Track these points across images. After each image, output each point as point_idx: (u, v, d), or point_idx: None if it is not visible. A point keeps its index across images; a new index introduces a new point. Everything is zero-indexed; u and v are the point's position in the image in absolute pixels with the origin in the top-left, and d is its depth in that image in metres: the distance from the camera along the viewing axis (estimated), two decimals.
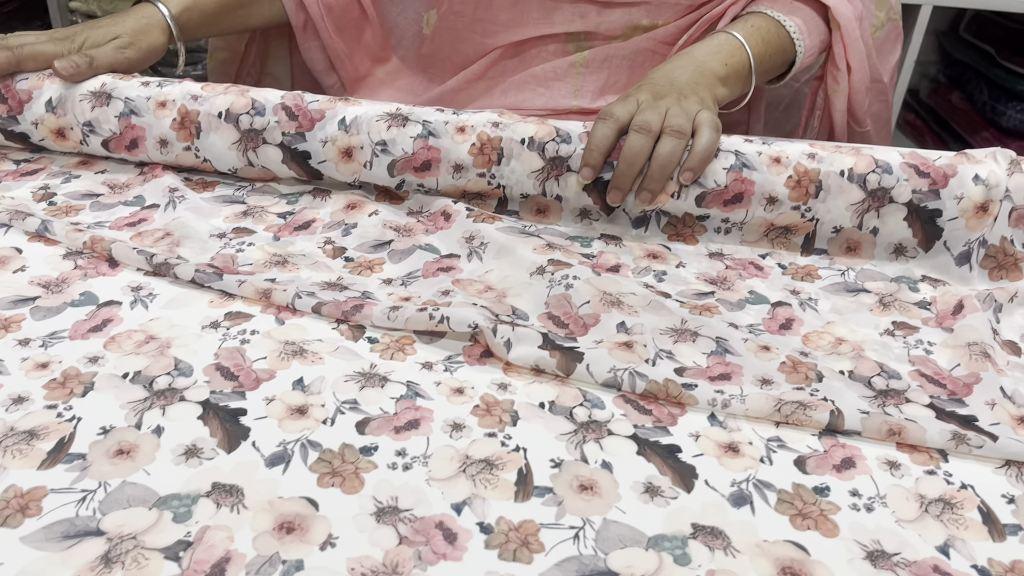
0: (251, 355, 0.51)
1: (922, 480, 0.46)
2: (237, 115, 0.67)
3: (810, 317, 0.59)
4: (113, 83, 0.70)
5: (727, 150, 0.64)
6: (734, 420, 0.49)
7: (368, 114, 0.67)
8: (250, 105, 0.67)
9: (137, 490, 0.42)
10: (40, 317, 0.53)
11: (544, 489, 0.44)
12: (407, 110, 0.67)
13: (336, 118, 0.67)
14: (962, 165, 0.63)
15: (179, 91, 0.69)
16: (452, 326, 0.53)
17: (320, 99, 0.68)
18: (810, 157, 0.64)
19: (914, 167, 0.63)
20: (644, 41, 0.82)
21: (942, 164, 0.63)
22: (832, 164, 0.63)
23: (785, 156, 0.64)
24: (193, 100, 0.68)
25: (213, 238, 0.63)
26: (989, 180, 0.62)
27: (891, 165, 0.63)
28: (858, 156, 0.64)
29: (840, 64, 0.80)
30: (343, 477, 0.44)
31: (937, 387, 0.52)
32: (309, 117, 0.67)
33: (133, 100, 0.69)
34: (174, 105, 0.68)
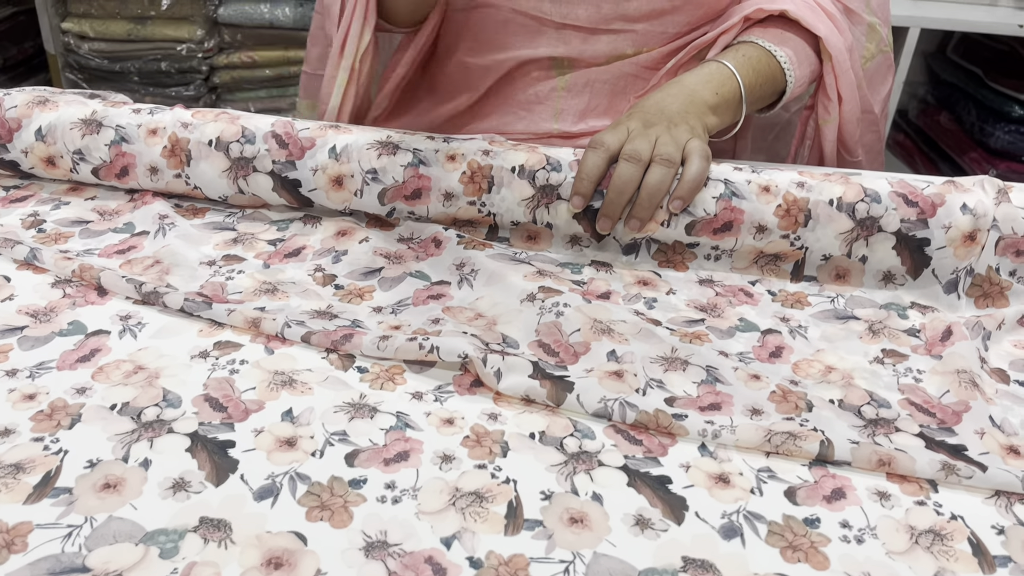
0: (240, 385, 0.51)
1: (912, 511, 0.46)
2: (227, 143, 0.67)
3: (800, 345, 0.59)
4: (104, 111, 0.70)
5: (716, 179, 0.65)
6: (724, 450, 0.49)
7: (358, 142, 0.67)
8: (240, 133, 0.68)
9: (124, 525, 0.42)
10: (28, 347, 0.53)
11: (534, 522, 0.44)
12: (397, 138, 0.68)
13: (326, 146, 0.67)
14: (950, 194, 0.63)
15: (170, 119, 0.69)
16: (442, 356, 0.53)
17: (310, 126, 0.68)
18: (799, 186, 0.64)
19: (902, 196, 0.63)
20: (626, 66, 0.82)
21: (930, 193, 0.64)
22: (821, 193, 0.64)
23: (774, 185, 0.64)
24: (184, 128, 0.68)
25: (203, 266, 0.63)
26: (977, 209, 0.62)
27: (879, 194, 0.63)
28: (847, 185, 0.64)
29: (831, 94, 0.81)
30: (332, 511, 0.43)
31: (927, 416, 0.52)
32: (299, 145, 0.67)
33: (124, 128, 0.69)
34: (165, 133, 0.68)
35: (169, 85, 1.88)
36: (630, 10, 0.79)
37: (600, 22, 0.80)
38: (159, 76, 1.86)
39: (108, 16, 1.82)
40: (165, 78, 1.86)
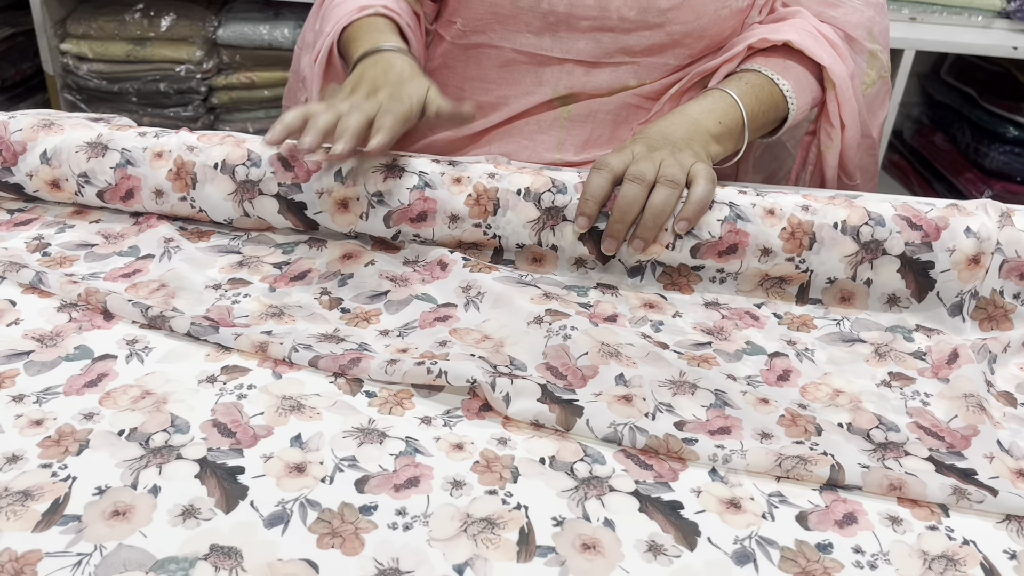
0: (248, 410, 0.51)
1: (924, 536, 0.46)
2: (233, 166, 0.67)
3: (807, 368, 0.59)
4: (110, 134, 0.70)
5: (721, 202, 0.65)
6: (735, 475, 0.49)
7: (364, 166, 0.67)
8: (246, 156, 0.68)
9: (133, 553, 0.41)
10: (34, 372, 0.53)
11: (546, 548, 0.43)
12: (403, 161, 0.68)
13: (332, 169, 0.67)
14: (954, 217, 0.64)
15: (175, 141, 0.69)
16: (450, 380, 0.53)
17: (317, 155, 0.68)
18: (804, 209, 0.64)
19: (906, 219, 0.64)
20: (629, 97, 0.83)
21: (934, 216, 0.64)
22: (825, 216, 0.64)
23: (779, 208, 0.64)
24: (189, 151, 0.68)
25: (208, 289, 0.63)
26: (980, 233, 0.63)
27: (884, 217, 0.64)
28: (851, 208, 0.64)
29: (834, 121, 0.81)
30: (343, 538, 0.43)
31: (936, 439, 0.52)
32: (305, 168, 0.67)
33: (129, 151, 0.69)
34: (170, 156, 0.68)
35: (168, 106, 1.88)
36: (631, 43, 0.79)
37: (602, 56, 0.80)
38: (158, 97, 1.86)
39: (107, 37, 1.82)
40: (164, 99, 1.87)
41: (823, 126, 0.82)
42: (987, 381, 0.58)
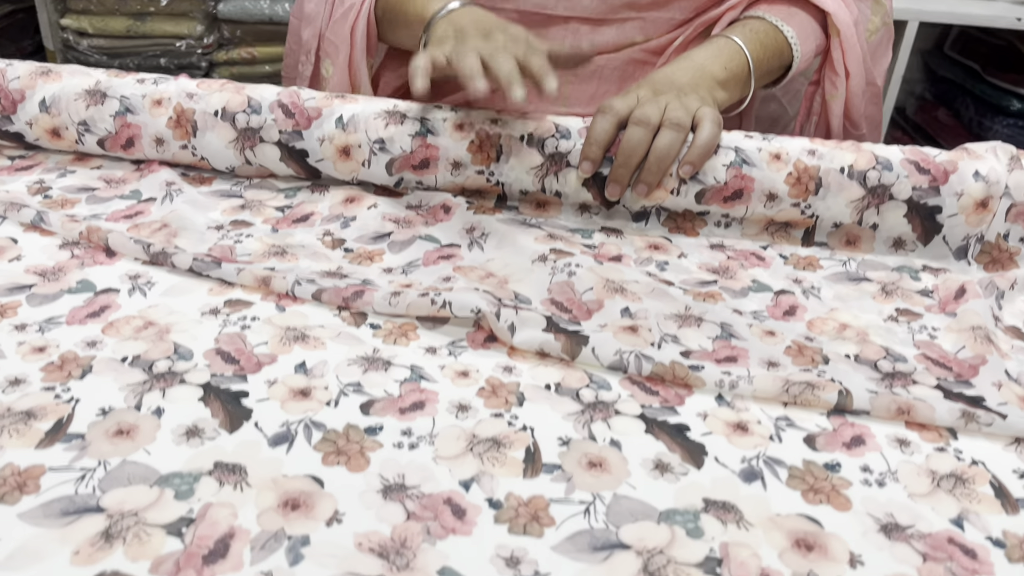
0: (252, 340, 0.51)
1: (932, 457, 0.45)
2: (233, 113, 0.67)
3: (813, 304, 0.58)
4: (108, 81, 0.69)
5: (727, 146, 0.64)
6: (742, 400, 0.49)
7: (365, 112, 0.67)
8: (246, 103, 0.67)
9: (137, 469, 0.41)
10: (37, 303, 0.53)
11: (552, 466, 0.43)
12: (405, 107, 0.67)
13: (333, 116, 0.67)
14: (963, 161, 0.63)
15: (175, 89, 0.69)
16: (454, 311, 0.52)
17: (316, 96, 0.68)
18: (810, 154, 0.64)
19: (914, 163, 0.63)
20: (635, 52, 0.82)
21: (942, 160, 0.63)
22: (832, 161, 0.63)
23: (785, 152, 0.64)
24: (189, 98, 0.68)
25: (210, 230, 0.62)
26: (989, 177, 0.62)
27: (891, 162, 0.63)
28: (858, 152, 0.64)
29: (839, 69, 0.81)
30: (348, 456, 0.43)
31: (943, 370, 0.52)
32: (306, 115, 0.67)
33: (128, 98, 0.68)
34: (170, 103, 0.68)
35: None
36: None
37: (607, 12, 0.79)
38: (158, 72, 1.85)
39: (107, 12, 1.81)
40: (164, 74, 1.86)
41: (827, 75, 0.81)
42: (995, 316, 0.57)
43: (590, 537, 0.39)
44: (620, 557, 0.38)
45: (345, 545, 0.38)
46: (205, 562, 0.37)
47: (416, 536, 0.39)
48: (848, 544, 0.40)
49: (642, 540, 0.39)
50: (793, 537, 0.40)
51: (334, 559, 0.37)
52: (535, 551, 0.38)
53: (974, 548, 0.40)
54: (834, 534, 0.40)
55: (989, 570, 0.39)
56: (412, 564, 0.37)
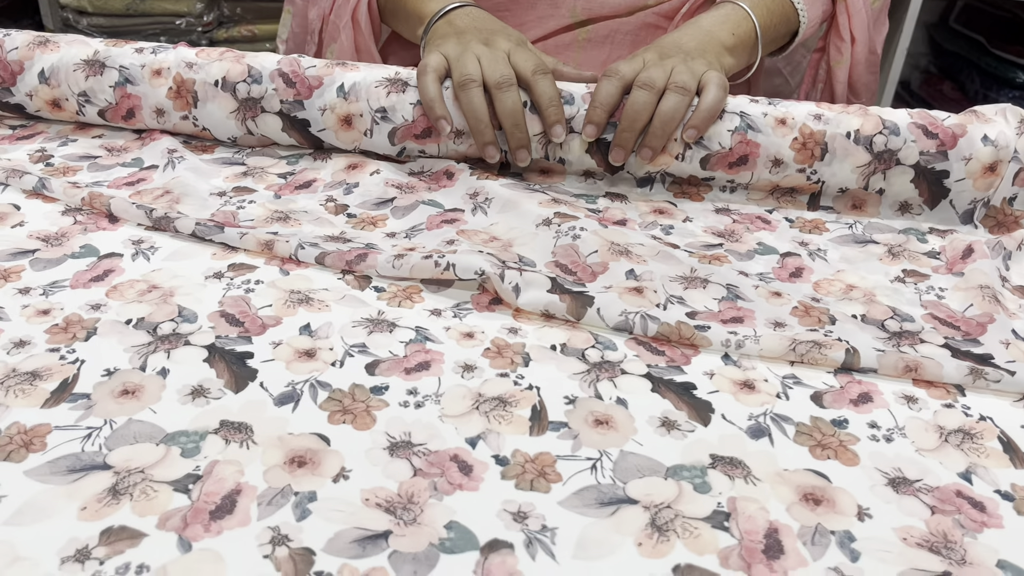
0: (256, 303, 0.51)
1: (940, 413, 0.45)
2: (234, 83, 0.66)
3: (820, 266, 0.58)
4: (106, 51, 0.69)
5: (732, 111, 0.64)
6: (748, 360, 0.48)
7: (367, 80, 0.66)
8: (246, 72, 0.67)
9: (144, 427, 0.41)
10: (40, 268, 0.52)
11: (559, 424, 0.43)
12: (406, 74, 0.67)
13: (334, 84, 0.66)
14: (971, 125, 0.62)
15: (174, 58, 0.68)
16: (458, 273, 0.52)
17: (317, 64, 0.67)
18: (816, 118, 0.63)
19: (922, 127, 0.62)
20: (648, 16, 0.81)
21: (951, 124, 0.62)
22: (839, 126, 0.63)
23: (791, 117, 0.63)
24: (188, 68, 0.67)
25: (213, 196, 0.62)
26: (999, 140, 0.61)
27: (898, 126, 0.63)
28: (865, 117, 0.63)
29: (844, 35, 0.80)
30: (354, 415, 0.43)
31: (951, 329, 0.52)
32: (307, 84, 0.66)
33: (128, 68, 0.68)
34: (169, 73, 0.67)
35: None
36: None
37: None
38: None
39: None
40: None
41: (832, 41, 0.81)
42: (1002, 276, 0.57)
43: (597, 492, 0.39)
44: (627, 511, 0.38)
45: (352, 501, 0.38)
46: (212, 517, 0.37)
47: (423, 492, 0.39)
48: (856, 498, 0.39)
49: (649, 495, 0.39)
50: (801, 491, 0.40)
51: (341, 514, 0.37)
52: (542, 506, 0.38)
53: (982, 501, 0.40)
54: (842, 488, 0.40)
55: (998, 522, 0.39)
56: (419, 519, 0.37)
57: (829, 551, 0.37)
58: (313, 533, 0.36)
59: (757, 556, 0.36)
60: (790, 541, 0.37)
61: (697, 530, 0.37)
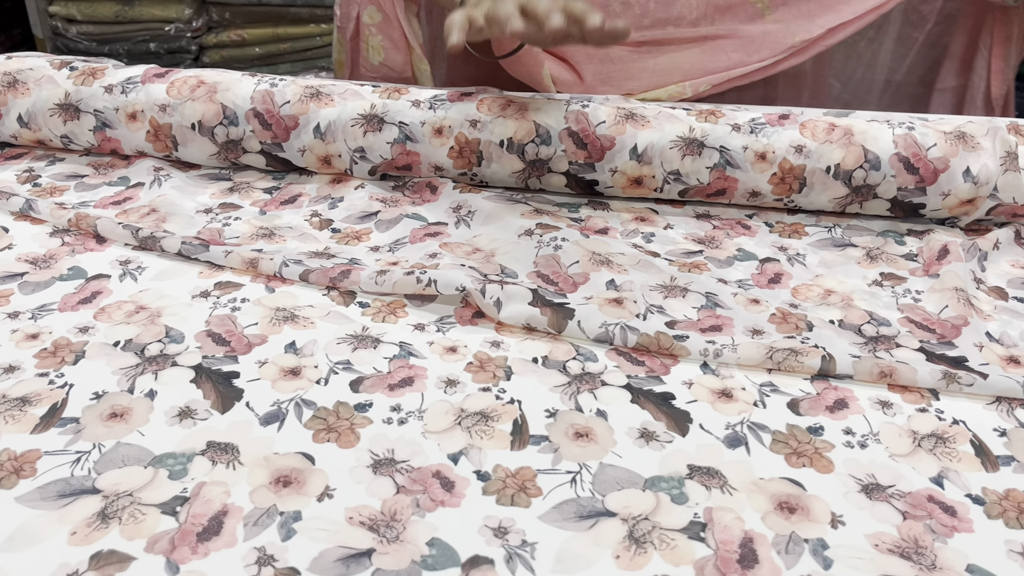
0: (242, 321, 0.51)
1: (914, 417, 0.46)
2: (211, 127, 0.65)
3: (799, 271, 0.59)
4: (76, 91, 0.67)
5: (712, 146, 0.63)
6: (726, 368, 0.49)
7: (342, 118, 0.65)
8: (221, 114, 0.65)
9: (132, 450, 0.42)
10: (29, 291, 0.53)
11: (540, 438, 0.44)
12: (381, 108, 0.65)
13: (310, 125, 0.65)
14: (955, 157, 0.61)
15: (145, 100, 0.66)
16: (440, 289, 0.53)
17: (290, 98, 0.66)
18: (798, 151, 0.62)
19: (905, 160, 0.61)
20: None
21: (935, 157, 0.61)
22: (819, 159, 0.62)
23: (771, 152, 0.62)
24: (162, 111, 0.66)
25: (199, 213, 0.63)
26: (979, 176, 0.61)
27: (880, 160, 0.61)
28: (848, 148, 0.62)
29: None
30: (338, 432, 0.44)
31: (926, 332, 0.53)
32: (283, 125, 0.65)
33: (103, 112, 0.67)
34: (144, 116, 0.66)
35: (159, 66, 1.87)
36: None
37: None
38: (148, 57, 1.85)
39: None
40: (154, 59, 1.85)
41: None
42: (976, 279, 0.58)
43: (576, 506, 0.40)
44: (606, 524, 0.39)
45: (336, 520, 0.39)
46: (199, 539, 0.37)
47: (406, 509, 0.39)
48: (830, 505, 0.40)
49: (627, 507, 0.40)
50: (776, 500, 0.41)
51: (325, 533, 0.38)
52: (522, 521, 0.39)
53: (953, 505, 0.41)
54: (816, 496, 0.41)
55: (968, 527, 0.40)
56: (402, 536, 0.38)
57: (803, 559, 0.38)
58: (298, 553, 0.37)
59: (732, 566, 0.37)
60: (764, 550, 0.38)
61: (674, 541, 0.38)
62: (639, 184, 0.64)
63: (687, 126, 0.63)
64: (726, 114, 0.64)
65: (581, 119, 0.64)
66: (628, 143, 0.63)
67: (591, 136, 0.63)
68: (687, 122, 0.63)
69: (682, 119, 0.64)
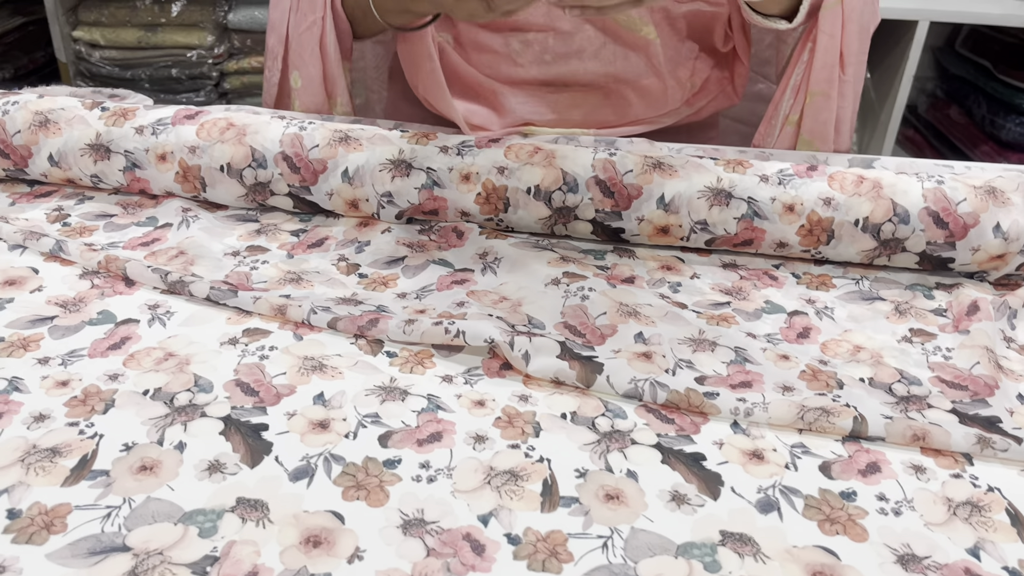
0: (271, 371, 0.51)
1: (948, 484, 0.46)
2: (240, 169, 0.66)
3: (827, 325, 0.59)
4: (108, 132, 0.67)
5: (739, 197, 0.63)
6: (757, 428, 0.49)
7: (370, 163, 0.65)
8: (250, 156, 0.66)
9: (162, 506, 0.42)
10: (59, 336, 0.53)
11: (570, 499, 0.43)
12: (409, 154, 0.65)
13: (338, 169, 0.65)
14: (985, 213, 0.60)
15: (175, 141, 0.66)
16: (468, 340, 0.53)
17: (320, 142, 0.66)
18: (826, 204, 0.62)
19: (934, 215, 0.61)
20: None
21: (964, 212, 0.61)
22: (848, 212, 0.61)
23: (800, 203, 0.62)
24: (191, 153, 0.66)
25: (227, 256, 0.63)
26: (1010, 232, 0.60)
27: (909, 214, 0.61)
28: (877, 201, 0.61)
29: None
30: (368, 490, 0.43)
31: (959, 390, 0.52)
32: (311, 169, 0.65)
33: (133, 153, 0.67)
34: (174, 158, 0.66)
35: (180, 91, 1.88)
36: None
37: None
38: (170, 83, 1.87)
39: (119, 24, 1.82)
40: (176, 84, 1.87)
41: None
42: (1006, 337, 0.58)
43: (608, 573, 0.39)
44: None
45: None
46: None
47: (437, 573, 0.39)
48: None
49: (660, 575, 0.39)
50: (810, 569, 0.40)
51: None
52: None
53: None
54: (851, 566, 0.40)
55: None
56: None
57: None
58: None
59: None
60: None
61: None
62: (666, 233, 0.64)
63: (715, 176, 0.63)
64: (753, 164, 0.64)
65: (608, 167, 0.64)
66: (655, 192, 0.63)
67: (618, 185, 0.64)
68: (714, 172, 0.63)
69: (709, 169, 0.64)
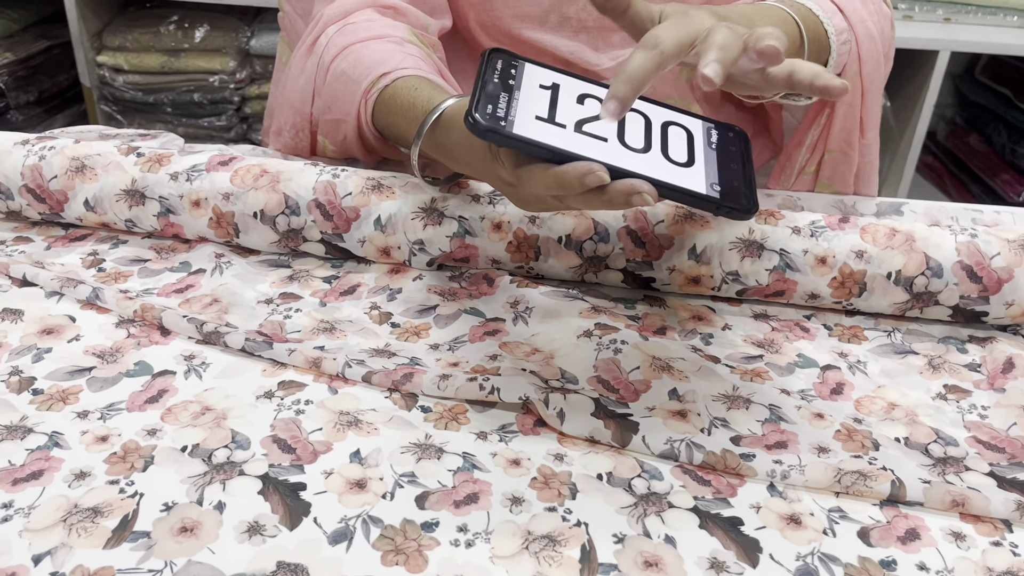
0: (307, 426, 0.52)
1: (988, 552, 0.45)
2: (273, 216, 0.66)
3: (860, 381, 0.58)
4: (143, 179, 0.68)
5: (771, 248, 0.62)
6: (794, 490, 0.49)
7: (402, 211, 0.65)
8: (283, 203, 0.66)
9: (203, 570, 0.42)
10: (97, 388, 0.54)
11: (609, 566, 0.43)
12: (441, 203, 0.66)
13: (371, 217, 0.65)
14: (1019, 267, 0.60)
15: (209, 188, 0.67)
16: (503, 397, 0.53)
17: (352, 190, 0.66)
18: (858, 256, 0.61)
19: (968, 269, 0.60)
20: None
21: (998, 267, 0.60)
22: (880, 265, 0.61)
23: (832, 256, 0.62)
24: (225, 200, 0.66)
25: (260, 304, 0.63)
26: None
27: (942, 268, 0.60)
28: (910, 254, 0.61)
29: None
30: (407, 555, 0.44)
31: (996, 452, 0.52)
32: (344, 216, 0.66)
33: (167, 199, 0.67)
34: (207, 204, 0.67)
35: (202, 116, 1.90)
36: None
37: None
38: (192, 107, 1.89)
39: (142, 49, 1.84)
40: (198, 109, 1.89)
41: None
42: None
43: None
44: None
45: None
46: None
47: None
48: None
49: None
50: None
51: None
52: None
53: None
54: None
55: None
56: None
57: None
58: None
59: None
60: None
61: None
62: (697, 283, 0.65)
63: (746, 227, 0.63)
64: (785, 216, 0.64)
65: (639, 217, 0.64)
66: (687, 243, 0.63)
67: (650, 235, 0.64)
68: (746, 223, 0.63)
69: None
